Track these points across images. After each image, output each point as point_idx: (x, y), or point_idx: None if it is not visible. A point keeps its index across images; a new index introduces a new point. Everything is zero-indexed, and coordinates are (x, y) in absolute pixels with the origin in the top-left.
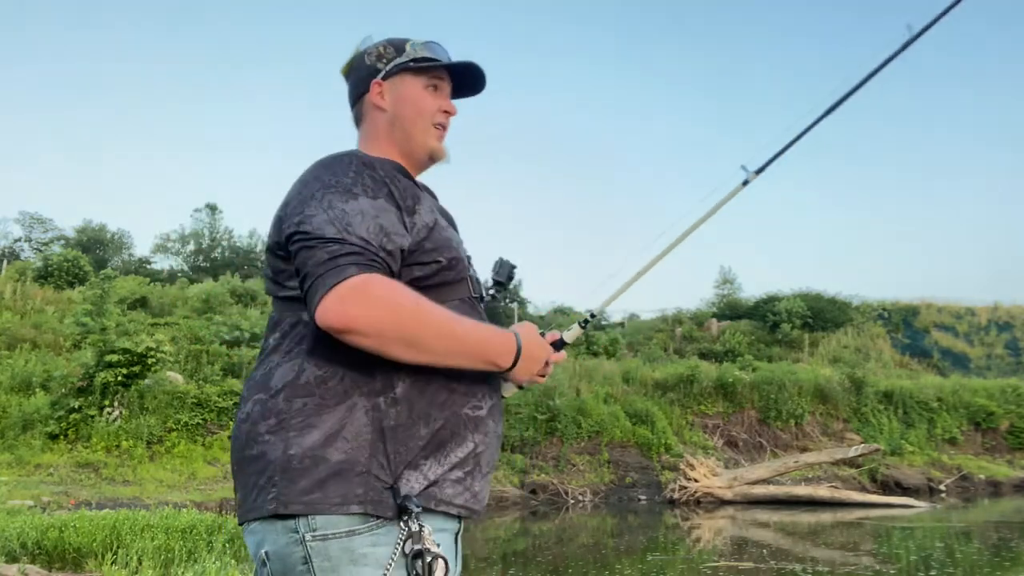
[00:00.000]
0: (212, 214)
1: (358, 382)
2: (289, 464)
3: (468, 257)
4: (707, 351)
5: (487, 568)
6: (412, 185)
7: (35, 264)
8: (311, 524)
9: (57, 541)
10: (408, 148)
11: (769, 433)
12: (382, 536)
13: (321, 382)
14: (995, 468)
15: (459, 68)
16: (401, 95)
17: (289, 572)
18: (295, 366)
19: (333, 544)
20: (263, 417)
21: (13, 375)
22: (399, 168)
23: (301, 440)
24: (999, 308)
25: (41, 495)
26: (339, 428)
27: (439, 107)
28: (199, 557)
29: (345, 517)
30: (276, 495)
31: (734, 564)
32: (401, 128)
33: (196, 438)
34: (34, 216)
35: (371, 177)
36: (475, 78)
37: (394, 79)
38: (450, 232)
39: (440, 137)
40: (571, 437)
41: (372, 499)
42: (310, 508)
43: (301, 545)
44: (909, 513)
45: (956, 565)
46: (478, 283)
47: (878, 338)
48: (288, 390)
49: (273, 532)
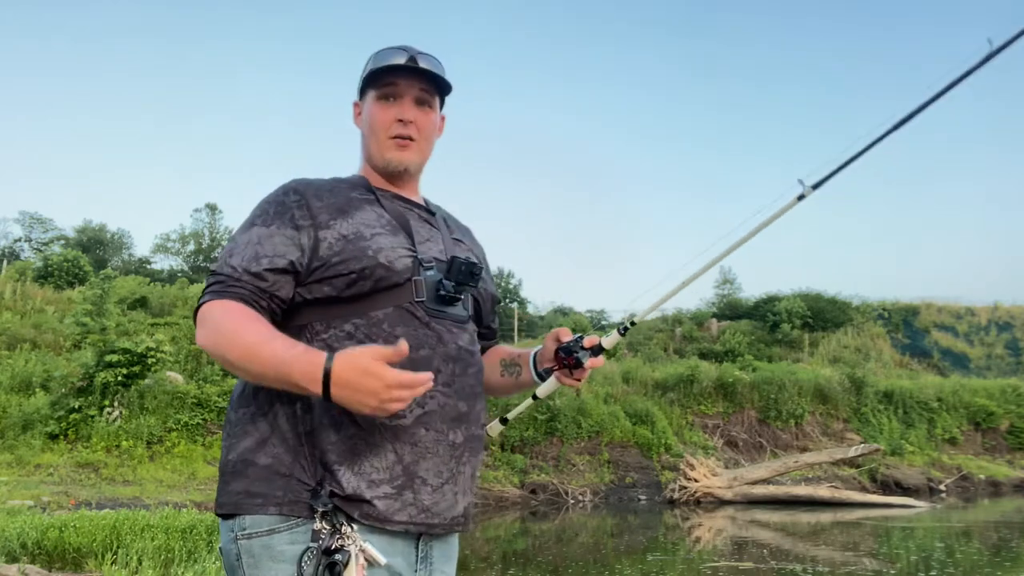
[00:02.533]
0: (212, 214)
1: (278, 391)
2: (227, 468)
3: (425, 260)
4: (707, 351)
5: (487, 568)
6: (350, 199)
7: (35, 264)
8: (241, 524)
9: (57, 541)
10: (374, 163)
11: (769, 433)
12: (300, 534)
13: (256, 393)
14: (995, 468)
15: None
16: (365, 112)
17: (231, 567)
18: (242, 380)
19: (256, 542)
20: (224, 426)
21: (13, 375)
22: (358, 182)
23: (238, 445)
24: (999, 308)
25: (41, 495)
26: (268, 434)
27: (392, 117)
28: (199, 557)
29: (267, 517)
30: (218, 497)
31: (734, 564)
32: (366, 145)
33: (196, 438)
34: (34, 216)
35: (278, 204)
36: (427, 73)
37: (365, 97)
38: (376, 240)
39: (398, 147)
40: (571, 437)
41: (290, 500)
42: (237, 509)
43: (235, 543)
44: (909, 513)
45: (956, 565)
46: (439, 285)
47: (878, 338)
48: (236, 401)
49: (222, 530)
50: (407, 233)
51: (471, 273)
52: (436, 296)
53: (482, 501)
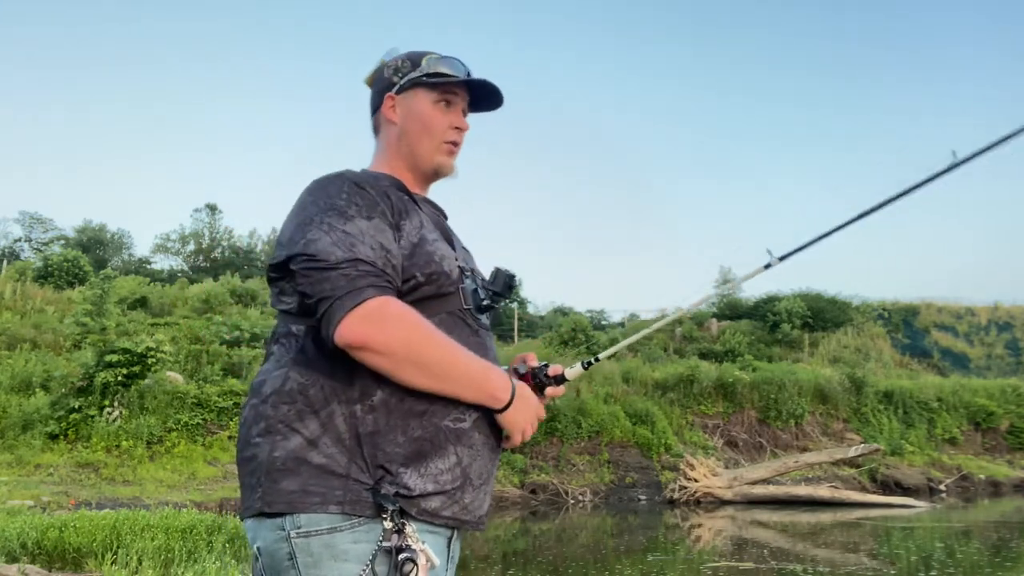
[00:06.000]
0: (212, 214)
1: (336, 390)
2: (273, 466)
3: (465, 269)
4: (707, 351)
5: (487, 568)
6: (403, 201)
7: (35, 264)
8: (296, 522)
9: (57, 541)
10: (413, 162)
11: (769, 433)
12: (363, 533)
13: (303, 389)
14: (995, 468)
15: (474, 84)
16: (411, 110)
17: (277, 566)
18: (283, 375)
19: (315, 541)
20: (255, 421)
21: (13, 375)
22: (395, 183)
23: (285, 444)
24: (999, 308)
25: (41, 495)
26: (320, 433)
27: (450, 123)
28: (199, 557)
29: (327, 515)
30: (262, 495)
31: (734, 564)
32: (407, 143)
33: (196, 438)
34: (34, 216)
35: (362, 198)
36: (491, 94)
37: (407, 93)
38: (436, 246)
39: (449, 152)
40: (571, 437)
41: (351, 499)
42: (292, 507)
43: (287, 542)
44: (909, 513)
45: (956, 565)
46: (476, 295)
47: (878, 338)
48: (275, 397)
49: (263, 529)
50: (449, 241)
51: (509, 286)
52: (477, 305)
53: None
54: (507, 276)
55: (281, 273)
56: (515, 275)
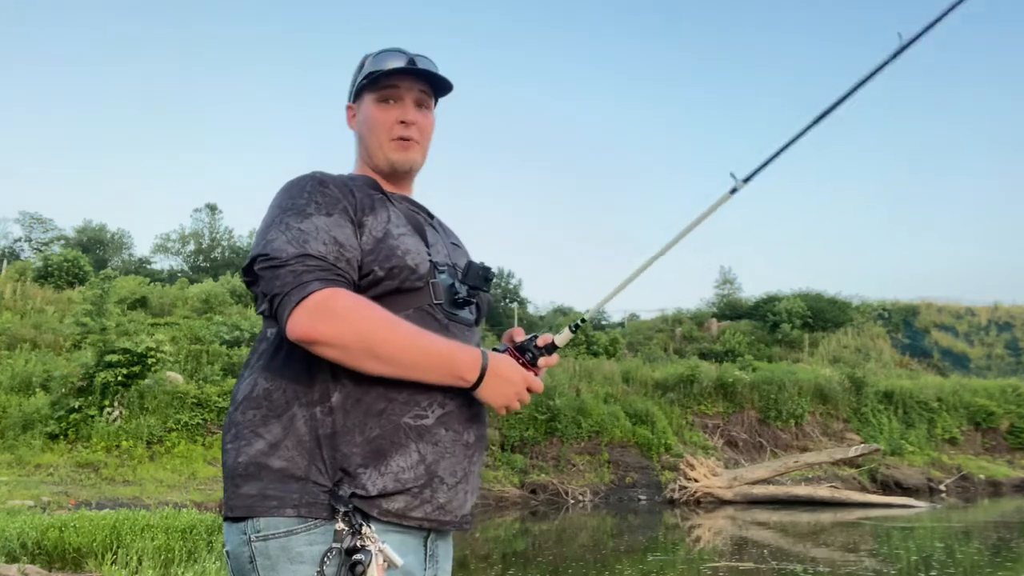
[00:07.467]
0: (212, 214)
1: (298, 393)
2: (236, 471)
3: (440, 264)
4: (707, 351)
5: (487, 568)
6: (371, 197)
7: (35, 264)
8: (255, 526)
9: (57, 541)
10: (373, 164)
11: (769, 433)
12: (319, 536)
13: (268, 394)
14: (995, 468)
15: (408, 73)
16: (361, 114)
17: (242, 568)
18: (252, 380)
19: (272, 544)
20: (228, 428)
21: (13, 375)
22: (368, 182)
23: (248, 449)
24: (999, 308)
25: (41, 495)
26: (282, 437)
27: (394, 119)
28: (199, 557)
29: (284, 519)
30: (227, 499)
31: (734, 564)
32: (364, 147)
33: (196, 438)
34: (34, 216)
35: (323, 195)
36: (430, 75)
37: (360, 99)
38: (402, 240)
39: (400, 147)
40: (571, 437)
41: (307, 502)
42: (251, 511)
43: (248, 545)
44: (909, 513)
45: (956, 565)
46: (451, 290)
47: (878, 338)
48: (244, 402)
49: (230, 532)
50: (421, 236)
51: (486, 278)
52: (451, 300)
53: (482, 501)
54: (480, 268)
55: (252, 277)
56: (490, 268)
